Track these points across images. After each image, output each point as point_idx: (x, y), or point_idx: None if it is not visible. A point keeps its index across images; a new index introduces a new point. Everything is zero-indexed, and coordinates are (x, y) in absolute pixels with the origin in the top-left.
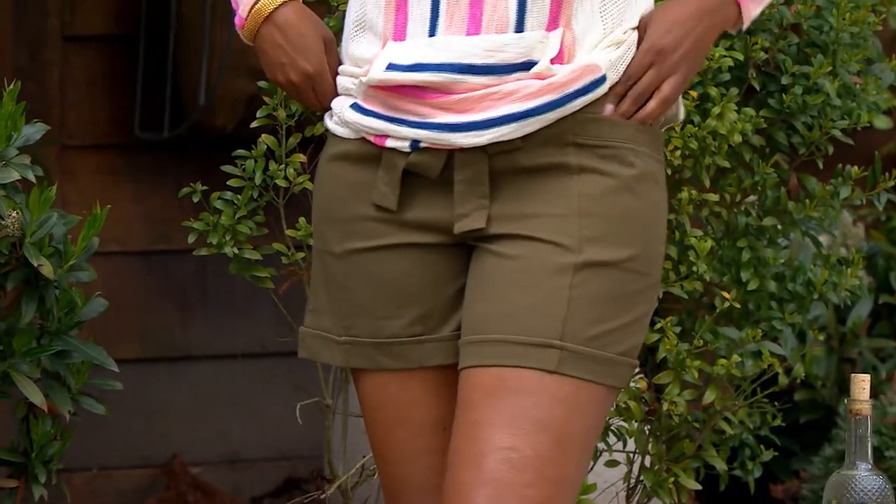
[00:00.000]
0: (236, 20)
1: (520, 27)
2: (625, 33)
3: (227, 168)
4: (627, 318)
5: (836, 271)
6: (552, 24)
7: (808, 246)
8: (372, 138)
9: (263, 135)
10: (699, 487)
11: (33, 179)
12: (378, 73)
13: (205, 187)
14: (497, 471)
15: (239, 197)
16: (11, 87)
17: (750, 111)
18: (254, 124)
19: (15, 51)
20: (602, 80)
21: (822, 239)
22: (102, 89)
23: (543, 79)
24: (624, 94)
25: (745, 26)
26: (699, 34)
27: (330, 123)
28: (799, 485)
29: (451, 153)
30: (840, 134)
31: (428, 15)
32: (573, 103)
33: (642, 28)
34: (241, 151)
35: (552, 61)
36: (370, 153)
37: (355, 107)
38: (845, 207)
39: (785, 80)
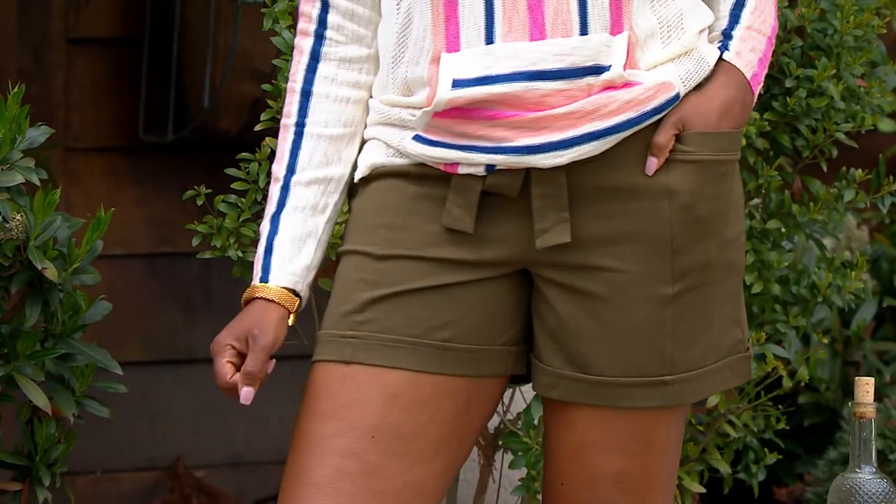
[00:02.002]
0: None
1: (584, 30)
2: (692, 39)
3: (230, 171)
4: (723, 321)
5: (840, 274)
6: (615, 27)
7: (812, 249)
8: (441, 167)
9: (267, 138)
10: (703, 490)
11: (37, 182)
12: (445, 94)
13: (209, 190)
14: (610, 494)
15: (243, 200)
16: (15, 89)
17: (754, 114)
18: (258, 127)
19: (19, 53)
20: (676, 98)
21: (826, 242)
22: (106, 92)
23: (618, 87)
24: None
25: (758, 89)
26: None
27: (378, 158)
28: (803, 488)
29: (529, 171)
30: (844, 137)
31: (482, 22)
32: (650, 120)
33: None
34: (244, 154)
35: (624, 67)
36: (434, 173)
37: (418, 139)
38: (849, 210)
39: (789, 83)
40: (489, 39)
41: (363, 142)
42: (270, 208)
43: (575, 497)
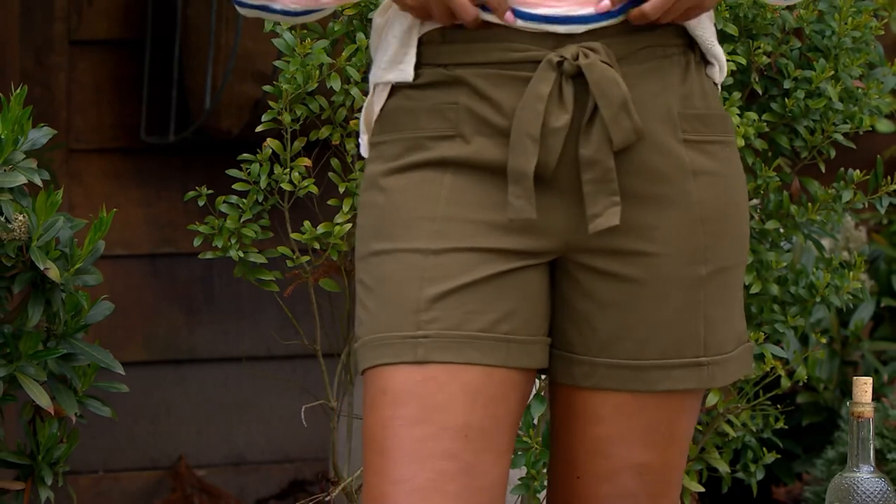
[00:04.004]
0: None
1: None
2: None
3: (232, 172)
4: (737, 308)
5: (839, 274)
6: None
7: (810, 249)
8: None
9: (269, 139)
10: (702, 490)
11: (40, 183)
12: None
13: (210, 191)
14: (631, 487)
15: (244, 200)
16: (18, 91)
17: (752, 115)
18: (259, 128)
19: (21, 55)
20: None
21: (825, 242)
22: (109, 93)
23: None
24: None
25: None
26: None
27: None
28: (801, 487)
29: (577, 156)
30: (842, 138)
31: None
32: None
33: None
34: (246, 155)
35: None
36: (467, 159)
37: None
38: (847, 211)
39: (787, 85)
40: None
41: None
42: None
43: (594, 490)
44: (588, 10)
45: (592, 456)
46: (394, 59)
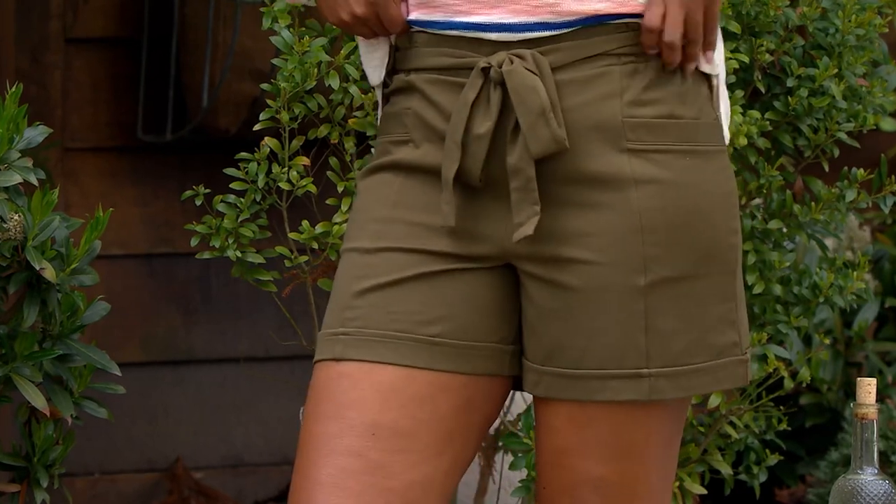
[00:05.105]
0: None
1: None
2: None
3: (229, 171)
4: (715, 321)
5: (842, 275)
6: None
7: (813, 249)
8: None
9: (266, 137)
10: (704, 492)
11: (35, 182)
12: None
13: (207, 190)
14: (589, 500)
15: (242, 200)
16: (13, 89)
17: (755, 114)
18: (257, 127)
19: (17, 53)
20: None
21: (828, 242)
22: (105, 92)
23: None
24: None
25: None
26: None
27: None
28: (804, 489)
29: (502, 160)
30: (846, 136)
31: None
32: (611, 22)
33: None
34: (243, 154)
35: None
36: (421, 164)
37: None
38: (851, 210)
39: (790, 83)
40: None
41: None
42: None
43: (557, 502)
44: (522, 19)
45: (554, 468)
46: (367, 63)
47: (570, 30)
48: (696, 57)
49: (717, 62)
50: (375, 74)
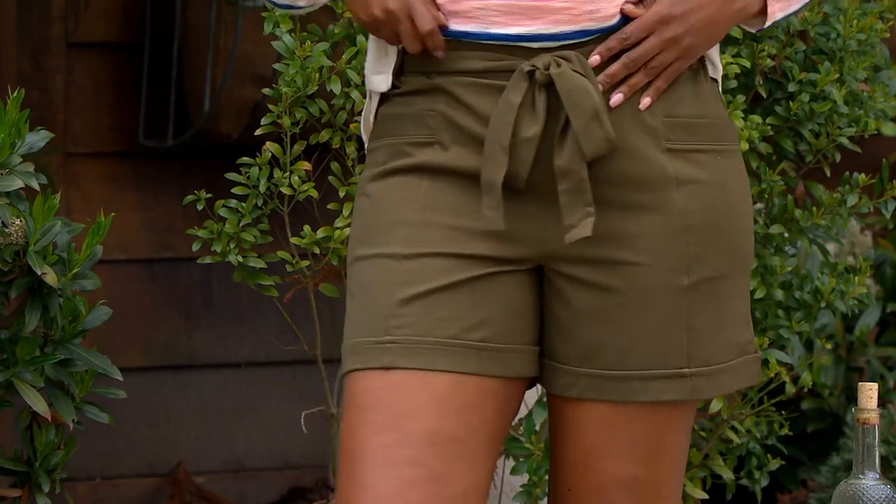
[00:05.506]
0: None
1: None
2: None
3: (231, 176)
4: (735, 318)
5: (844, 279)
6: None
7: (815, 254)
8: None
9: (268, 142)
10: (706, 496)
11: (37, 187)
12: None
13: (209, 195)
14: (620, 501)
15: (243, 205)
16: (15, 94)
17: (757, 118)
18: (258, 132)
19: (19, 58)
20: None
21: (830, 247)
22: (106, 97)
23: None
24: (617, 54)
25: (767, 24)
26: (711, 12)
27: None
28: (806, 494)
29: (552, 165)
30: (847, 141)
31: None
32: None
33: None
34: (245, 159)
35: None
36: (442, 165)
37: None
38: (853, 215)
39: (792, 88)
40: None
41: None
42: None
43: (584, 503)
44: (562, 29)
45: (581, 469)
46: (374, 68)
47: (607, 33)
48: (636, 86)
49: (718, 65)
50: (384, 81)
